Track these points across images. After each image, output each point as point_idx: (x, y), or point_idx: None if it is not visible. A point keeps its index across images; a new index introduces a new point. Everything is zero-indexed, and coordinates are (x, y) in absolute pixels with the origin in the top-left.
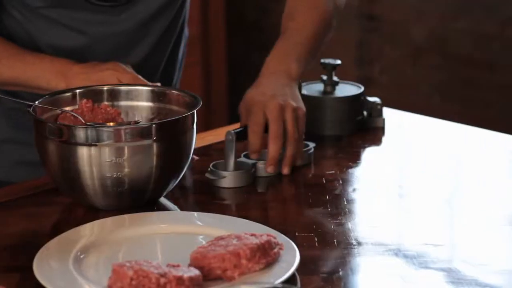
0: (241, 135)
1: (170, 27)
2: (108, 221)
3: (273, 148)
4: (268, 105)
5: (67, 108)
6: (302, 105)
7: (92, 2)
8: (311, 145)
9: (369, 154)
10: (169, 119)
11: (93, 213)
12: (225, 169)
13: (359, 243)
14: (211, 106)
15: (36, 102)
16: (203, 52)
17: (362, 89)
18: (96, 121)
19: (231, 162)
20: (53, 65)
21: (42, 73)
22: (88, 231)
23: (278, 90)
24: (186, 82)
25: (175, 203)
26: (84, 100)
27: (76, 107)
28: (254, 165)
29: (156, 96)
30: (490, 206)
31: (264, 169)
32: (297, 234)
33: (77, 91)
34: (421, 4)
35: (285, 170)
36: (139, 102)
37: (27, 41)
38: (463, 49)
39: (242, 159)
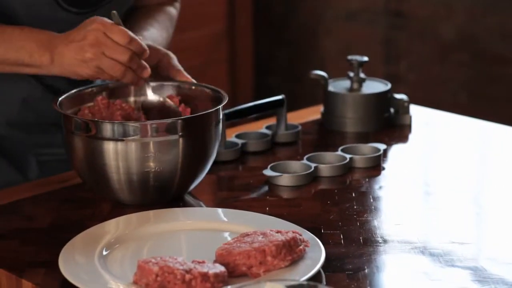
0: (232, 115)
1: None
2: (133, 217)
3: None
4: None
5: (86, 105)
6: None
7: (62, 7)
8: (381, 147)
9: (395, 151)
10: (195, 115)
11: (118, 208)
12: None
13: (385, 241)
14: (237, 102)
15: (60, 98)
16: (230, 49)
17: (389, 86)
18: (114, 118)
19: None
20: (35, 36)
21: (22, 44)
22: (113, 226)
23: None
24: (213, 78)
25: (200, 199)
26: (100, 97)
27: (92, 103)
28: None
29: (182, 91)
30: None
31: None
32: (322, 231)
33: (103, 86)
34: (449, 1)
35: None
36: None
37: None
38: (492, 46)
39: (233, 139)
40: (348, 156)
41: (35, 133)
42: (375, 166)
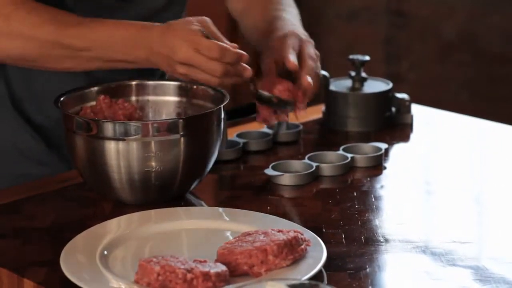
0: (234, 115)
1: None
2: (135, 216)
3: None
4: (306, 41)
5: (88, 104)
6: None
7: None
8: (383, 146)
9: (397, 150)
10: (196, 114)
11: (120, 208)
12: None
13: (386, 240)
14: (239, 101)
15: (66, 96)
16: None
17: (391, 85)
18: (117, 117)
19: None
20: (128, 33)
21: (117, 43)
22: (115, 226)
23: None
24: None
25: (201, 198)
26: (102, 96)
27: (94, 103)
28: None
29: (183, 91)
30: None
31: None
32: (324, 230)
33: (104, 86)
34: (450, 0)
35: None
36: (167, 96)
37: None
38: (493, 46)
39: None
40: (349, 155)
41: None
42: (377, 166)
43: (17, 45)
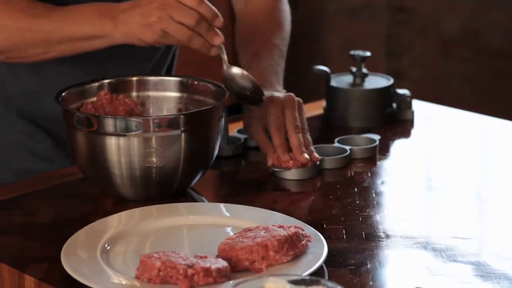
0: (235, 110)
1: None
2: (136, 212)
3: (295, 137)
4: (287, 99)
5: (89, 100)
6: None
7: None
8: (376, 137)
9: (398, 146)
10: (197, 110)
11: (121, 203)
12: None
13: (387, 236)
14: None
15: (67, 91)
16: (232, 44)
17: (392, 81)
18: (117, 113)
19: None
20: (96, 8)
21: (85, 17)
22: (116, 221)
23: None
24: (215, 73)
25: (203, 194)
26: (103, 92)
27: (95, 99)
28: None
29: (184, 87)
30: None
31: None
32: (325, 226)
33: (105, 81)
34: None
35: (315, 156)
36: (167, 92)
37: None
38: (495, 42)
39: (236, 134)
40: (347, 147)
41: None
42: (372, 157)
43: None
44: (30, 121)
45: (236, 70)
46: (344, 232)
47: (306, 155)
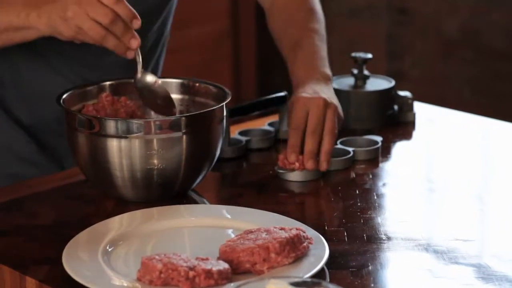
0: (236, 112)
1: (159, 28)
2: (137, 214)
3: (311, 142)
4: (313, 100)
5: (91, 102)
6: (340, 107)
7: None
8: (379, 139)
9: (399, 148)
10: (198, 112)
11: (122, 205)
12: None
13: (388, 238)
14: (241, 99)
15: (68, 93)
16: (233, 46)
17: (393, 83)
18: (119, 115)
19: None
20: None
21: (12, 8)
22: (117, 223)
23: (321, 90)
24: (216, 74)
25: (204, 196)
26: (104, 94)
27: (96, 100)
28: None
29: (186, 89)
30: None
31: (303, 165)
32: (326, 228)
33: (107, 83)
34: None
35: (324, 165)
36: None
37: None
38: (496, 43)
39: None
40: (350, 149)
41: None
42: (375, 159)
43: None
44: (13, 125)
45: (149, 78)
46: (345, 234)
47: (312, 163)
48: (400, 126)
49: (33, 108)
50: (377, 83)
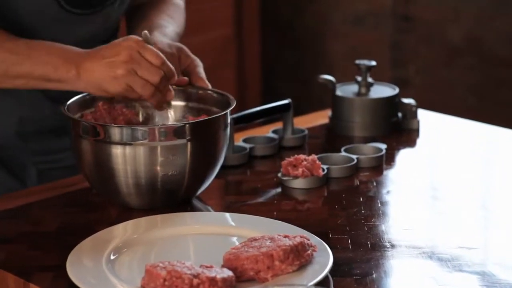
0: (240, 120)
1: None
2: (142, 221)
3: None
4: None
5: (88, 111)
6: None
7: (65, 9)
8: (383, 147)
9: (403, 156)
10: (203, 119)
11: (126, 213)
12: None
13: (392, 246)
14: (245, 106)
15: (68, 102)
16: (237, 53)
17: (397, 90)
18: (118, 122)
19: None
20: (62, 51)
21: (49, 58)
22: (121, 231)
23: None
24: (220, 81)
25: (208, 203)
26: (101, 102)
27: (93, 109)
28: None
29: (190, 96)
30: None
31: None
32: (330, 236)
33: None
34: (456, 4)
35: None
36: (173, 101)
37: None
38: (500, 50)
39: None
40: (354, 156)
41: (33, 141)
42: (379, 166)
43: None
44: None
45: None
46: (349, 241)
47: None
48: (404, 133)
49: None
50: (381, 91)
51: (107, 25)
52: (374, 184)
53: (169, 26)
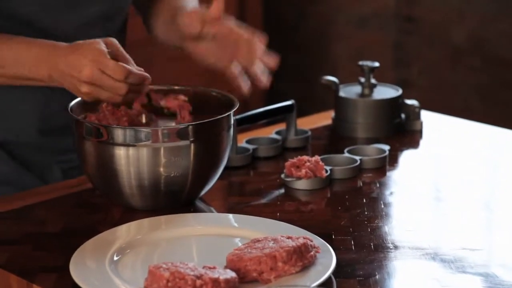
0: (243, 121)
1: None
2: (145, 222)
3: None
4: None
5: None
6: None
7: None
8: (386, 148)
9: (406, 157)
10: (206, 120)
11: (129, 214)
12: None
13: (396, 247)
14: (248, 108)
15: (72, 103)
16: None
17: (400, 91)
18: (121, 124)
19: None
20: (36, 51)
21: (25, 60)
22: (124, 232)
23: None
24: (224, 83)
25: (211, 204)
26: (105, 104)
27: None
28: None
29: (193, 97)
30: None
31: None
32: (333, 237)
33: None
34: (461, 5)
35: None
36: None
37: None
38: (504, 51)
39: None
40: (357, 157)
41: (56, 139)
42: (382, 167)
43: None
44: None
45: None
46: (352, 243)
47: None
48: (407, 134)
49: (10, 124)
50: (384, 92)
51: (116, 3)
52: (377, 185)
53: (189, 5)
